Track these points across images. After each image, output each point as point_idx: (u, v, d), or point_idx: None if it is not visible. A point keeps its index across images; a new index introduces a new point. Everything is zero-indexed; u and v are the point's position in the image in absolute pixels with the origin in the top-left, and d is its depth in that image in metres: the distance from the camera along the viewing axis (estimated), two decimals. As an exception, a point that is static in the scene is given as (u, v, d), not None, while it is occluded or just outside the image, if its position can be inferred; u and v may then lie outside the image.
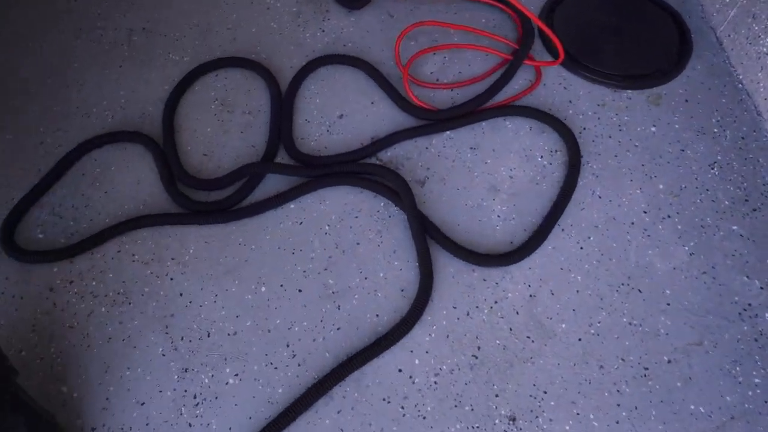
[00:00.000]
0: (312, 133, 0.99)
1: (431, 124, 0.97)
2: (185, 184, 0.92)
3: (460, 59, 1.08)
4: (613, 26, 1.11)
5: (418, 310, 0.79)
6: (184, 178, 0.91)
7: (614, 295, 0.83)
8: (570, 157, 0.94)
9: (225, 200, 0.89)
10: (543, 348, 0.79)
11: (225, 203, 0.89)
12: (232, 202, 0.89)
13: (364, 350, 0.77)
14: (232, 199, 0.89)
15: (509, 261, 0.84)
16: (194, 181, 0.91)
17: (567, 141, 0.96)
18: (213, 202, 0.90)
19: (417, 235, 0.85)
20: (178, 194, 0.89)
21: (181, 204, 0.89)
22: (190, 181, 0.91)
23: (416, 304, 0.80)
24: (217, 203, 0.89)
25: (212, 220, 0.87)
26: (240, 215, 0.88)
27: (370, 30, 1.13)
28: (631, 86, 1.04)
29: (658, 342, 0.79)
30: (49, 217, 0.90)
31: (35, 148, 0.97)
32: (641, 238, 0.88)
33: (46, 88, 1.05)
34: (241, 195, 0.90)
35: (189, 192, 0.92)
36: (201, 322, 0.81)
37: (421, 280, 0.82)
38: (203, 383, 0.76)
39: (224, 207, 0.89)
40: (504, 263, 0.84)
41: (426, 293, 0.81)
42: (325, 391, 0.74)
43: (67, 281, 0.84)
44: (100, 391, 0.76)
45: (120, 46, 1.12)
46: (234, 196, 0.89)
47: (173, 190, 0.90)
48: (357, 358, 0.76)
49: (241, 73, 1.07)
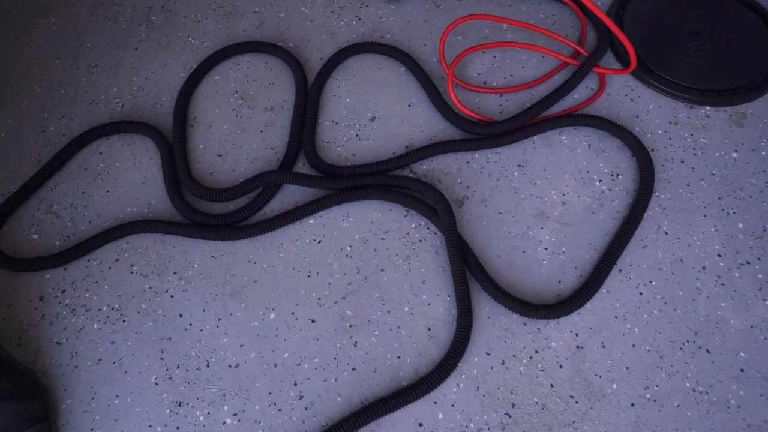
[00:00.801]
0: (339, 137, 0.88)
1: (478, 138, 0.85)
2: (190, 192, 0.82)
3: (513, 60, 0.95)
4: (693, 30, 0.96)
5: (452, 360, 0.68)
6: (190, 185, 0.81)
7: (677, 353, 0.71)
8: (641, 183, 0.81)
9: (235, 213, 0.79)
10: (588, 411, 0.68)
11: (235, 216, 0.79)
12: (244, 215, 0.79)
13: (383, 400, 0.66)
14: (244, 212, 0.79)
15: (557, 314, 0.72)
16: (201, 190, 0.81)
17: (640, 162, 0.82)
18: (222, 215, 0.79)
19: (455, 265, 0.73)
20: (183, 204, 0.80)
21: (186, 215, 0.79)
22: (195, 189, 0.81)
23: (452, 353, 0.69)
24: (226, 216, 0.79)
25: (218, 236, 0.77)
26: (251, 233, 0.78)
27: (412, 21, 1.00)
28: (711, 102, 0.89)
29: (727, 416, 0.67)
30: (45, 215, 0.82)
31: (36, 136, 0.89)
32: (713, 286, 0.75)
33: (54, 68, 0.97)
34: (254, 207, 0.80)
35: (196, 200, 0.82)
36: (200, 350, 0.72)
37: (459, 322, 0.71)
38: (198, 421, 0.68)
39: (234, 221, 0.79)
40: (551, 316, 0.72)
41: (464, 339, 0.70)
42: None
43: (59, 290, 0.76)
44: (84, 420, 0.68)
45: (137, 26, 1.02)
46: (246, 209, 0.79)
47: (177, 198, 0.80)
48: (374, 409, 0.66)
49: (265, 64, 0.96)
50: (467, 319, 0.70)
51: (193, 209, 0.79)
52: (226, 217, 0.79)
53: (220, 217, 0.79)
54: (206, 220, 0.78)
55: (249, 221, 0.80)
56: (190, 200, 0.82)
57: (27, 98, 0.93)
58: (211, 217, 0.79)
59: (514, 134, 0.84)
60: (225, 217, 0.79)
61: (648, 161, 0.81)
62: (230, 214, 0.79)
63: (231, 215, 0.79)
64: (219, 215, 0.79)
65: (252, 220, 0.80)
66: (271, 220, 0.78)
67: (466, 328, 0.70)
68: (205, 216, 0.79)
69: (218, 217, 0.79)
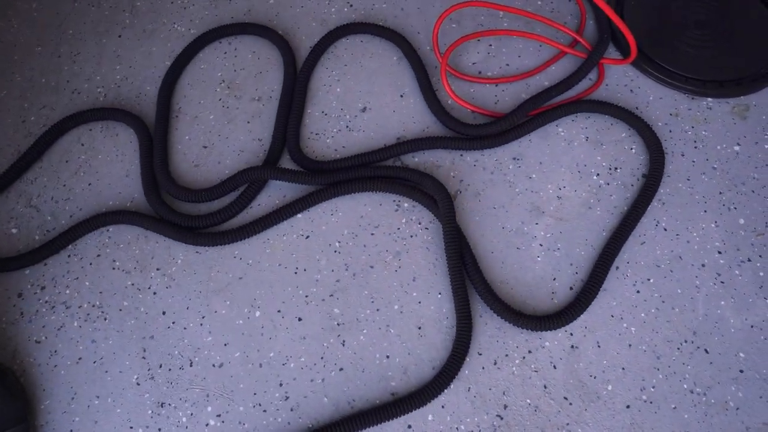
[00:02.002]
0: (329, 128, 0.85)
1: (469, 138, 0.81)
2: (167, 192, 0.78)
3: (509, 49, 0.92)
4: (697, 19, 0.92)
5: (453, 368, 0.66)
6: (166, 185, 0.77)
7: (674, 353, 0.69)
8: (649, 175, 0.78)
9: (218, 213, 0.76)
10: (583, 413, 0.66)
11: (218, 217, 0.75)
12: (227, 215, 0.76)
13: (375, 410, 0.64)
14: (228, 212, 0.76)
15: (553, 325, 0.69)
16: (177, 190, 0.77)
17: (651, 150, 0.80)
18: (203, 216, 0.76)
19: (452, 261, 0.70)
20: (159, 202, 0.76)
21: (164, 215, 0.76)
22: (172, 189, 0.77)
23: (452, 360, 0.66)
24: (209, 217, 0.76)
25: (197, 242, 0.74)
26: (232, 238, 0.74)
27: (405, 8, 0.97)
28: (714, 93, 0.86)
29: (725, 418, 0.65)
30: (25, 209, 0.79)
31: (16, 127, 0.86)
32: (713, 284, 0.73)
33: (35, 56, 0.94)
34: (238, 206, 0.76)
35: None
36: (184, 348, 0.70)
37: (459, 327, 0.68)
38: (180, 422, 0.66)
39: (217, 221, 0.75)
40: (547, 327, 0.69)
41: (464, 346, 0.67)
42: None
43: (38, 287, 0.74)
44: (63, 421, 0.66)
45: (121, 12, 0.99)
46: (230, 209, 0.76)
47: (153, 196, 0.76)
48: (364, 418, 0.63)
49: (252, 53, 0.93)
50: (467, 323, 0.68)
51: (170, 208, 0.76)
52: (208, 219, 0.75)
53: (201, 219, 0.75)
54: (185, 222, 0.75)
55: (232, 223, 0.77)
56: (167, 199, 0.79)
57: (6, 87, 0.90)
58: (191, 219, 0.75)
59: (508, 134, 0.81)
60: (207, 219, 0.75)
61: (660, 153, 0.79)
62: (213, 215, 0.76)
63: (214, 216, 0.76)
64: (197, 216, 0.75)
65: (237, 221, 0.77)
66: (255, 222, 0.75)
67: (466, 319, 0.68)
68: (184, 217, 0.75)
69: (199, 219, 0.75)
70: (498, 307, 0.69)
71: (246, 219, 0.78)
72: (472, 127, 0.81)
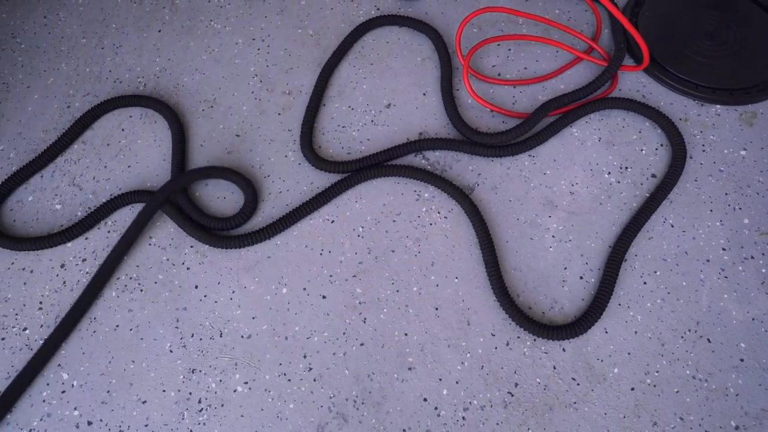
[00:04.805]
0: (355, 122, 0.90)
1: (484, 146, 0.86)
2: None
3: (527, 53, 0.97)
4: (707, 29, 0.97)
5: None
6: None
7: (678, 341, 0.72)
8: (670, 169, 0.83)
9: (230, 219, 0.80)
10: (589, 393, 0.70)
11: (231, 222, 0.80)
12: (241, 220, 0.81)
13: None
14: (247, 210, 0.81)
15: (569, 334, 0.72)
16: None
17: (672, 141, 0.86)
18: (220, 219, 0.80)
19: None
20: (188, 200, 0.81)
21: (189, 212, 0.81)
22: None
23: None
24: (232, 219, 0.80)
25: (223, 244, 0.79)
26: (257, 238, 0.79)
27: (429, 12, 1.02)
28: (722, 101, 0.90)
29: (725, 403, 0.68)
30: (68, 187, 0.85)
31: (62, 111, 0.92)
32: (717, 278, 0.76)
33: (80, 47, 1.00)
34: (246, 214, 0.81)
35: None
36: (214, 320, 0.74)
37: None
38: (210, 388, 0.70)
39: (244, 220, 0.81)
40: (562, 337, 0.72)
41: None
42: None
43: (79, 259, 0.79)
44: (101, 382, 0.70)
45: (161, 9, 1.05)
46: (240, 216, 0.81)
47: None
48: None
49: (285, 50, 0.99)
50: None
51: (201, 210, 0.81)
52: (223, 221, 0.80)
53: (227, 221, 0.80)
54: (211, 224, 0.80)
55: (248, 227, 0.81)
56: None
57: (53, 75, 0.96)
58: (218, 221, 0.79)
59: (521, 144, 0.86)
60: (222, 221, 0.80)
61: (682, 148, 0.85)
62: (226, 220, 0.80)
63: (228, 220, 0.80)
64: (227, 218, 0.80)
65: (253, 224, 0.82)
66: (281, 220, 0.80)
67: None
68: (211, 219, 0.80)
69: (224, 221, 0.79)
70: (518, 318, 0.73)
71: (259, 222, 0.82)
72: (482, 135, 0.85)
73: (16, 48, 1.00)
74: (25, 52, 0.99)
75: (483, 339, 0.73)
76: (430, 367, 0.71)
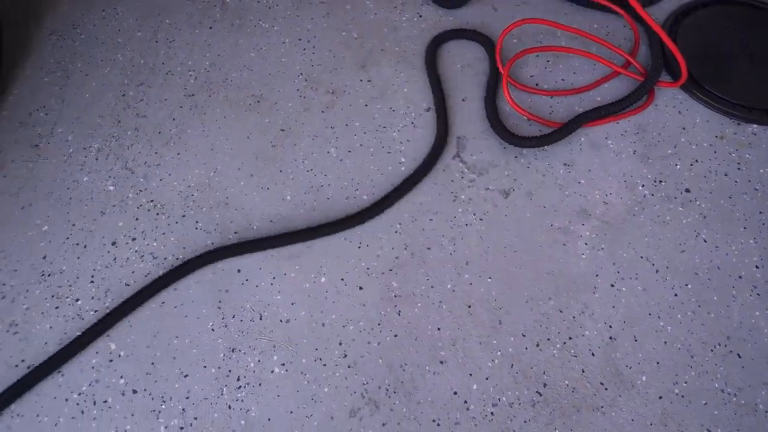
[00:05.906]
0: (395, 123, 0.93)
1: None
2: None
3: (565, 65, 0.99)
4: (746, 49, 0.98)
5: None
6: None
7: (708, 354, 0.73)
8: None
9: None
10: (617, 399, 0.71)
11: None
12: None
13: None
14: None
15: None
16: None
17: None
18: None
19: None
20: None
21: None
22: None
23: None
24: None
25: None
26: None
27: (470, 22, 1.05)
28: (759, 120, 0.91)
29: (754, 419, 0.69)
30: (121, 170, 0.89)
31: (117, 99, 0.96)
32: (748, 295, 0.77)
33: (135, 40, 1.04)
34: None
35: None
36: (255, 303, 0.77)
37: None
38: (248, 367, 0.73)
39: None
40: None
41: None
42: None
43: (130, 237, 0.82)
44: (146, 354, 0.74)
45: (213, 7, 1.10)
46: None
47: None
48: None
49: (329, 51, 1.02)
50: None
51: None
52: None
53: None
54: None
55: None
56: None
57: (110, 65, 1.01)
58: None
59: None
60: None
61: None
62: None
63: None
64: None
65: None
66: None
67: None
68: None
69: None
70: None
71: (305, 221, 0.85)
72: (528, 139, 0.88)
73: (76, 38, 1.05)
74: (85, 42, 1.04)
75: (514, 338, 0.74)
76: (461, 362, 0.73)
